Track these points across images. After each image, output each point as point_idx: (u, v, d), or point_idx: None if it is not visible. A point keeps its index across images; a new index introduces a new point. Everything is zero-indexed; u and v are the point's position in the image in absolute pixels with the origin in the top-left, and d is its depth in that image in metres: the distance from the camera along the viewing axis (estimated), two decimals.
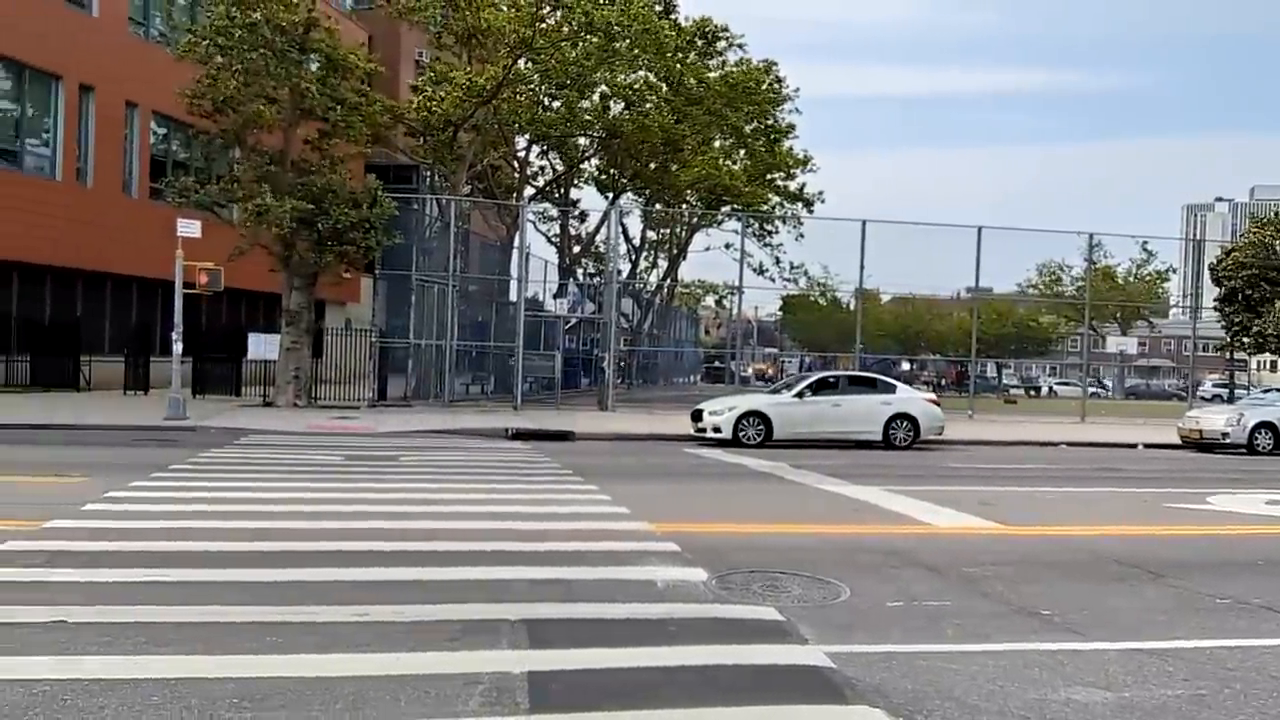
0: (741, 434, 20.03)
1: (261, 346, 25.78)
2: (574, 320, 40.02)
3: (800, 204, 45.99)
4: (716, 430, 20.18)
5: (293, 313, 24.80)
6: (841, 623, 6.62)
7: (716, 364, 62.71)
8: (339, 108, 24.50)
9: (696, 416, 20.80)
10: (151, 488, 11.27)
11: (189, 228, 20.20)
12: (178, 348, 20.54)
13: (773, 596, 7.20)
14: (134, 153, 30.68)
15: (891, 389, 22.01)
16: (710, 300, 67.04)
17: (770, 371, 66.07)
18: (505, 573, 7.57)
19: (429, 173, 34.71)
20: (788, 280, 49.50)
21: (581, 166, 42.06)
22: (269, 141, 24.90)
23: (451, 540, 8.73)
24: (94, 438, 17.25)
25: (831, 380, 22.26)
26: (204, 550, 7.99)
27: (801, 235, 45.78)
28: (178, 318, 20.50)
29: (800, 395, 21.01)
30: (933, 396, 23.32)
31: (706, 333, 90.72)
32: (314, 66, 24.75)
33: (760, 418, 20.28)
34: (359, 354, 27.84)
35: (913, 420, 21.10)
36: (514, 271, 33.18)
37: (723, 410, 20.55)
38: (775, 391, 22.52)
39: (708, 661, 5.65)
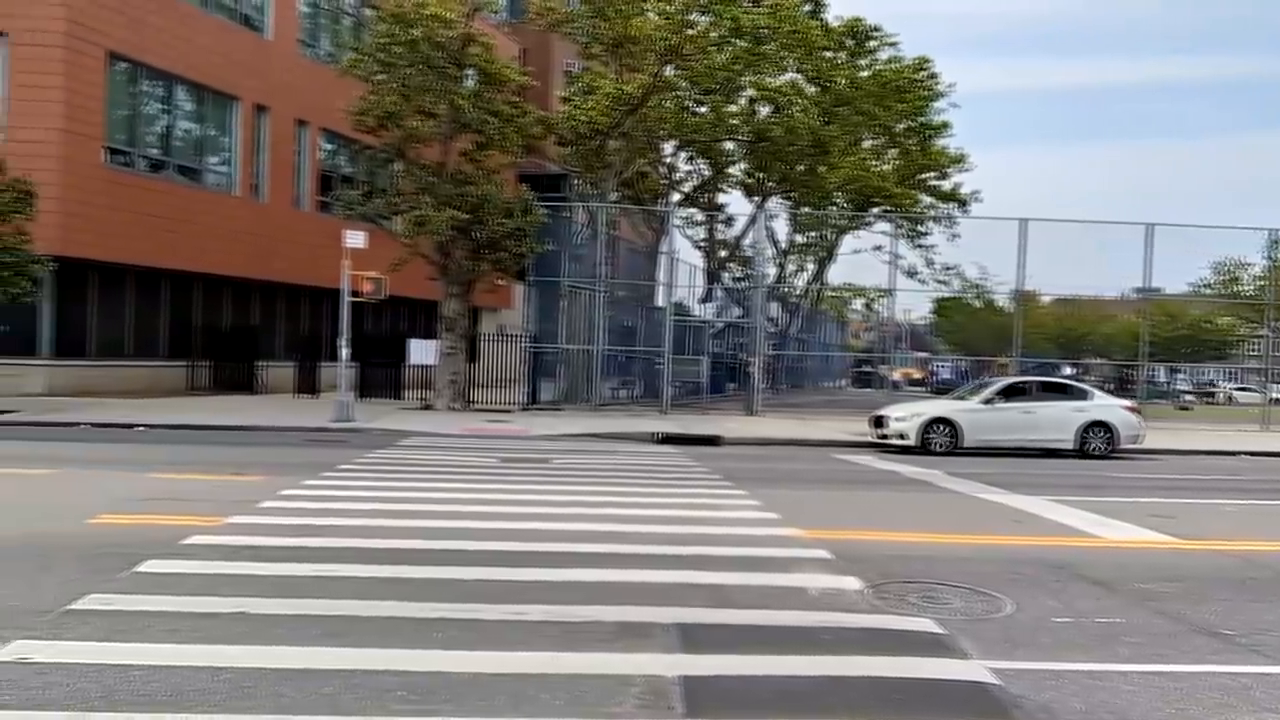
0: (929, 440, 19.64)
1: (421, 352, 26.74)
2: (720, 325, 39.99)
3: (954, 204, 44.74)
4: (901, 436, 19.84)
5: (450, 319, 25.64)
6: (1005, 638, 6.39)
7: (865, 368, 61.58)
8: (494, 120, 25.22)
9: (878, 422, 20.49)
10: (322, 486, 11.85)
11: (355, 239, 21.13)
12: (345, 353, 21.52)
13: (931, 608, 7.01)
14: (304, 168, 32.37)
15: (1086, 395, 21.21)
16: (859, 304, 65.87)
17: (919, 376, 64.40)
18: (656, 576, 7.62)
19: (578, 180, 35.36)
20: (940, 282, 48.14)
21: (728, 171, 42.01)
22: (428, 154, 25.84)
23: (603, 542, 8.85)
24: (268, 438, 18.26)
25: (1022, 386, 21.59)
26: (371, 547, 8.34)
27: (955, 236, 44.49)
28: (344, 324, 21.48)
29: (989, 401, 20.42)
30: (1131, 403, 22.21)
31: (855, 336, 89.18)
32: (470, 81, 25.55)
33: (947, 424, 19.85)
34: (511, 359, 28.56)
35: (1109, 428, 20.28)
36: (661, 277, 33.45)
37: (908, 416, 20.17)
38: (961, 397, 21.93)
39: (865, 673, 5.54)
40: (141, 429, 18.84)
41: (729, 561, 8.26)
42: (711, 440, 20.64)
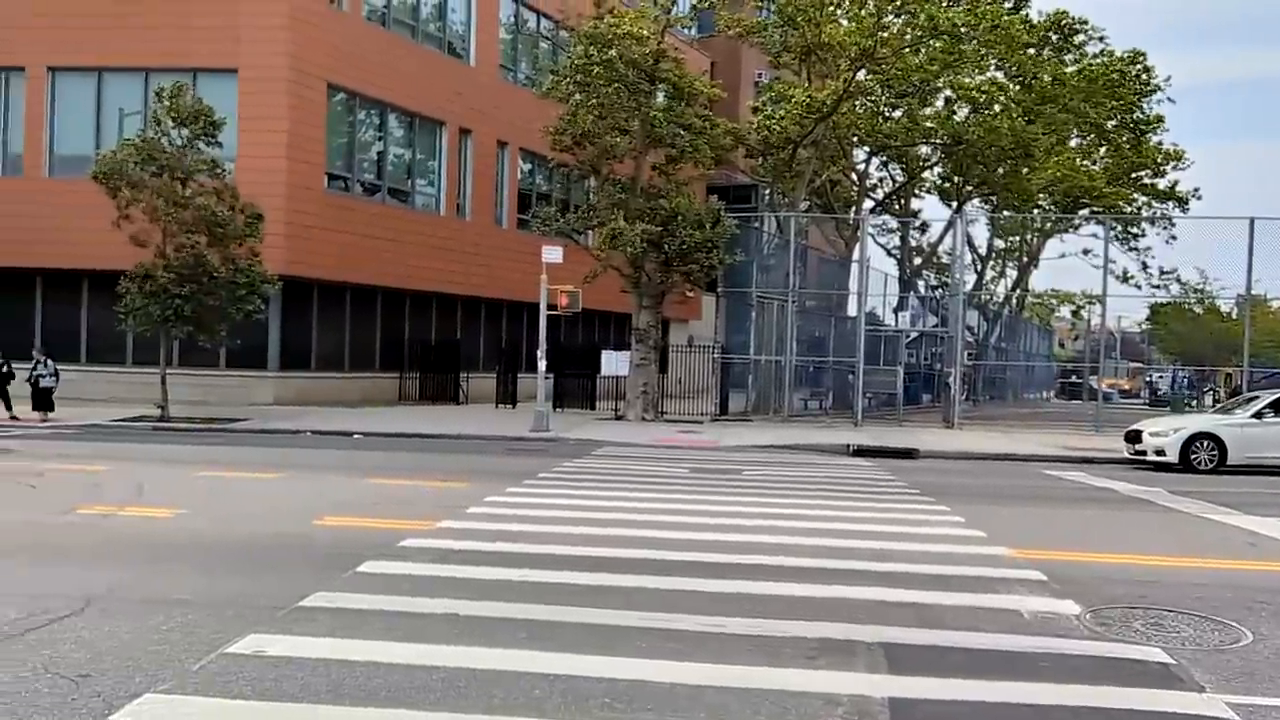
0: (1192, 457, 18.51)
1: (613, 363, 27.26)
2: (915, 334, 38.85)
3: (1171, 203, 41.86)
4: (1159, 453, 18.79)
5: (641, 331, 26.01)
6: (1244, 671, 5.88)
7: (1073, 379, 58.37)
8: (685, 134, 25.49)
9: (1133, 438, 19.51)
10: (523, 494, 12.23)
11: (552, 254, 21.79)
12: (542, 365, 22.19)
13: (1159, 636, 6.53)
14: (504, 187, 33.68)
15: None
16: (1065, 311, 62.54)
17: (1129, 386, 60.40)
18: (857, 592, 7.44)
19: (768, 190, 35.21)
20: (1156, 287, 45.16)
21: (923, 175, 40.85)
22: (621, 170, 26.37)
23: (800, 556, 8.72)
24: (472, 446, 19.04)
25: None
26: (571, 554, 8.52)
27: (1173, 238, 41.63)
28: (542, 336, 22.16)
29: (1259, 415, 18.96)
30: None
31: (1061, 345, 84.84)
32: (661, 96, 25.92)
33: (1212, 440, 18.63)
34: (701, 369, 28.69)
35: None
36: (853, 285, 32.78)
37: (1167, 431, 19.08)
38: (1225, 411, 20.59)
39: (1087, 703, 5.21)
40: (358, 436, 20.02)
41: (933, 580, 7.97)
42: (908, 453, 20.05)
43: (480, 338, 33.35)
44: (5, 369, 21.24)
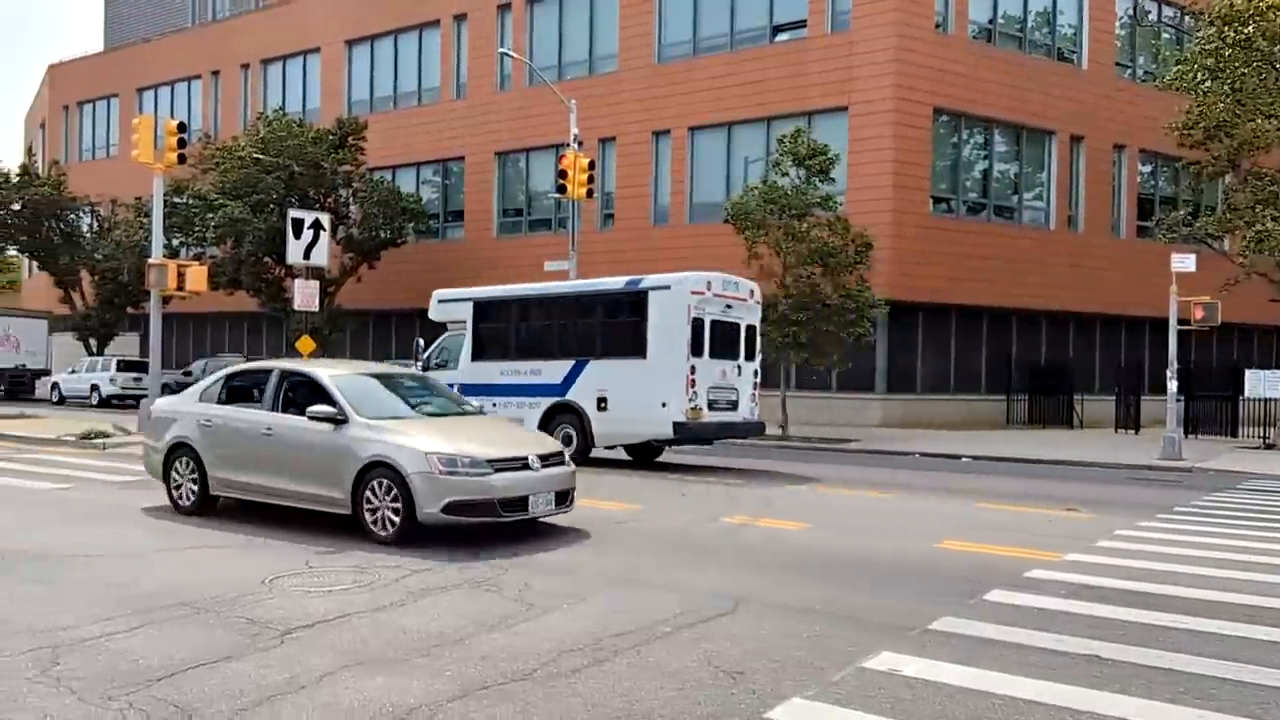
0: None
1: (1262, 384, 23.65)
2: None
3: None
4: None
5: None
6: None
7: None
8: None
9: None
10: (1158, 529, 11.08)
11: (1183, 263, 19.59)
12: (1173, 386, 20.04)
13: None
14: (1121, 193, 31.15)
15: None
16: None
17: None
18: None
19: None
20: None
21: None
22: (1266, 162, 22.94)
23: None
24: (1089, 474, 17.74)
25: None
26: (1228, 601, 7.48)
27: None
28: (1171, 354, 20.03)
29: None
30: None
31: None
32: None
33: None
34: None
35: None
36: None
37: None
38: None
39: None
40: (966, 460, 19.75)
41: None
42: None
43: (1095, 357, 31.08)
44: None
